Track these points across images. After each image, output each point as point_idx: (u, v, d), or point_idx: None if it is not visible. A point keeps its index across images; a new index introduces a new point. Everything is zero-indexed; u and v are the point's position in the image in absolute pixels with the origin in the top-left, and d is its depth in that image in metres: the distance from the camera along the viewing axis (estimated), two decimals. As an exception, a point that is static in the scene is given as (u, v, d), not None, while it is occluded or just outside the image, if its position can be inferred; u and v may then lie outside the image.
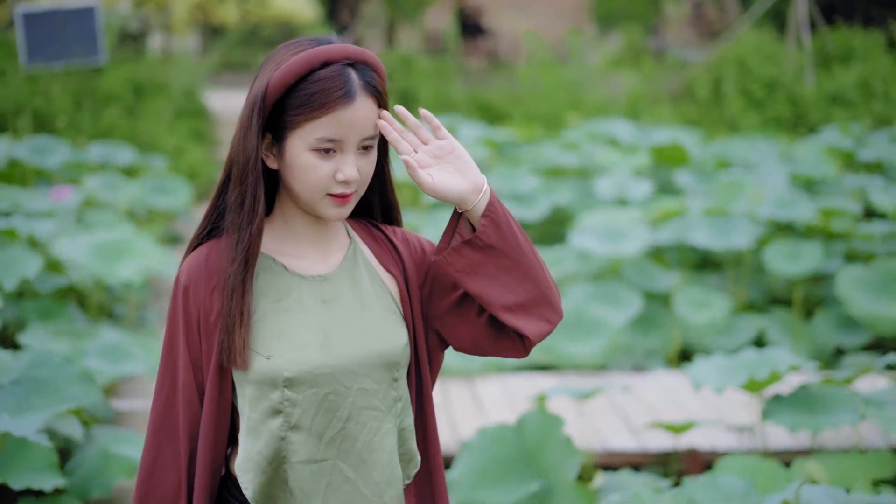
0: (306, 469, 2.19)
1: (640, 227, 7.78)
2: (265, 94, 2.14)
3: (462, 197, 2.18)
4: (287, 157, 2.18)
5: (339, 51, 2.15)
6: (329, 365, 2.18)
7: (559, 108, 13.80)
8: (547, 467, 4.48)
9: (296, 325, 2.20)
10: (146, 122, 13.48)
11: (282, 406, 2.18)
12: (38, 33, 13.66)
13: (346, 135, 2.14)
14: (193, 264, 2.24)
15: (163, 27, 23.19)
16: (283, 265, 2.24)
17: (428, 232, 8.16)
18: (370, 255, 2.33)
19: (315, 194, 2.17)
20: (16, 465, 4.21)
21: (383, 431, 2.23)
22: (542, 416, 4.59)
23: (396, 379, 2.25)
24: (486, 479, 4.52)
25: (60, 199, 8.27)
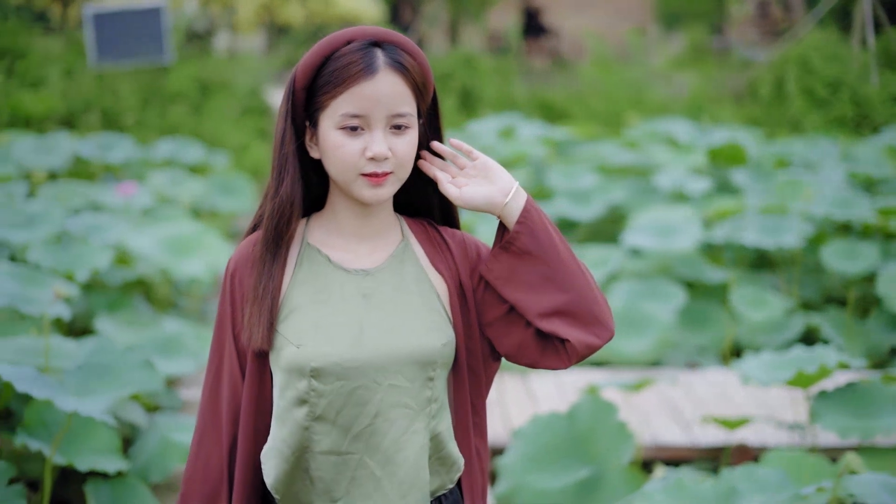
0: (329, 460, 2.19)
1: (693, 225, 7.81)
2: (294, 79, 2.18)
3: (489, 202, 2.22)
4: (320, 140, 2.20)
5: (363, 30, 2.17)
6: (359, 359, 2.17)
7: (620, 108, 13.83)
8: (598, 454, 4.56)
9: (331, 316, 2.20)
10: (211, 120, 13.68)
11: (307, 396, 2.17)
12: (107, 33, 13.92)
13: (370, 109, 2.13)
14: (241, 252, 2.28)
15: (229, 27, 23.46)
16: (326, 257, 2.26)
17: (483, 230, 8.26)
18: (421, 255, 2.32)
19: (347, 174, 2.17)
20: (81, 448, 4.38)
21: (412, 430, 2.21)
22: (594, 403, 4.67)
23: (432, 378, 2.23)
24: (537, 464, 4.61)
25: (126, 195, 8.47)
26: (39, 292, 5.41)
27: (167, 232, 7.23)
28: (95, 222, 7.19)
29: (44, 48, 15.03)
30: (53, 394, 3.91)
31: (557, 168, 9.62)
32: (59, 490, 4.90)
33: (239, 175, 10.67)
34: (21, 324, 5.40)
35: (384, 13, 22.64)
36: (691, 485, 3.69)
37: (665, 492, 3.69)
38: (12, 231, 6.72)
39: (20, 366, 4.10)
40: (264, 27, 25.25)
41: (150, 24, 14.09)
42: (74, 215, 7.31)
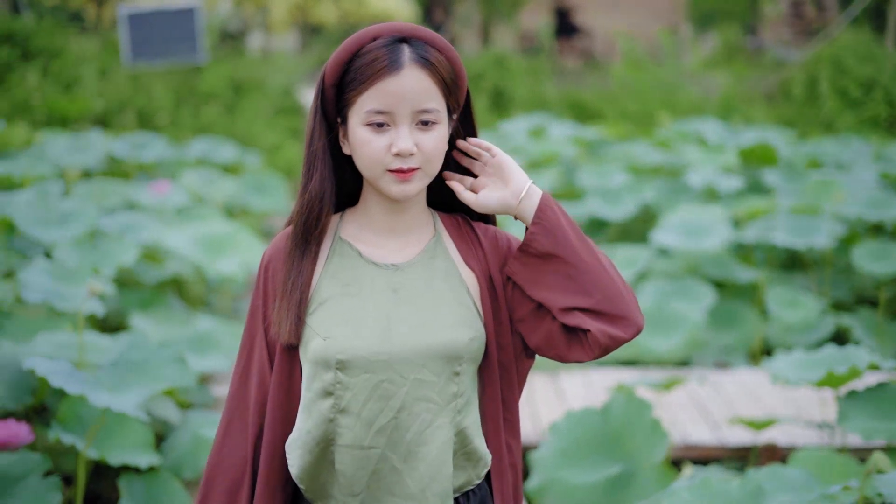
0: (352, 453, 2.21)
1: (722, 225, 7.81)
2: (323, 76, 2.20)
3: (503, 205, 2.24)
4: (349, 137, 2.22)
5: (391, 26, 2.18)
6: (385, 352, 2.18)
7: (652, 108, 13.82)
8: (630, 450, 4.58)
9: (360, 310, 2.21)
10: (244, 120, 13.77)
11: (333, 388, 2.19)
12: (141, 33, 14.03)
13: (395, 105, 2.14)
14: (275, 245, 2.32)
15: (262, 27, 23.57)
16: (357, 251, 2.28)
17: (513, 228, 8.27)
18: (453, 250, 2.33)
19: (374, 170, 2.19)
20: (114, 443, 4.44)
21: (436, 425, 2.22)
22: (628, 400, 4.68)
23: (458, 373, 2.23)
24: (571, 459, 4.63)
25: (160, 193, 8.54)
26: (73, 289, 5.48)
27: (202, 231, 7.30)
28: (128, 221, 7.27)
29: (79, 48, 15.15)
30: (87, 389, 3.96)
31: (588, 168, 9.63)
32: (93, 485, 4.97)
33: (271, 174, 10.73)
34: (55, 320, 5.47)
35: (417, 13, 22.68)
36: (717, 484, 3.70)
37: (691, 491, 3.70)
38: (46, 229, 6.79)
39: (55, 361, 4.15)
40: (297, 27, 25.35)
41: (183, 24, 14.19)
42: (107, 214, 7.38)
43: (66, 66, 13.88)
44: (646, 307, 6.92)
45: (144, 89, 13.69)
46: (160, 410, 5.15)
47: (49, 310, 5.58)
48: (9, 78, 13.30)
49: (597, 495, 4.50)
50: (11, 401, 4.41)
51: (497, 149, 2.30)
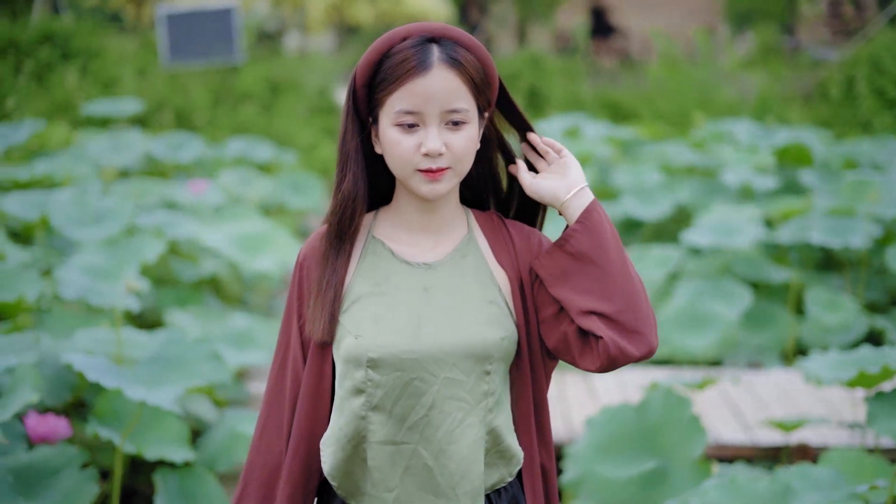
0: (384, 450, 2.23)
1: (753, 224, 7.79)
2: (355, 77, 2.23)
3: (553, 194, 2.25)
4: (380, 137, 2.23)
5: (420, 26, 2.20)
6: (416, 351, 2.20)
7: (687, 108, 13.79)
8: (667, 446, 4.59)
9: (391, 308, 2.23)
10: (281, 120, 13.84)
11: (364, 386, 2.22)
12: (179, 33, 14.14)
13: (424, 106, 2.16)
14: (310, 244, 2.35)
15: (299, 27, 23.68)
16: (390, 250, 2.30)
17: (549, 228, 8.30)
18: (486, 249, 2.33)
19: (404, 170, 2.21)
20: (150, 438, 4.50)
21: (466, 423, 2.23)
22: (666, 396, 4.70)
23: (488, 372, 2.24)
24: (606, 454, 4.66)
25: (197, 192, 8.62)
26: (108, 286, 5.56)
27: (238, 229, 7.38)
28: (164, 219, 7.35)
29: (117, 48, 15.29)
30: (123, 383, 4.03)
31: (623, 168, 9.64)
32: (130, 480, 5.05)
33: (308, 174, 10.80)
34: (93, 317, 5.56)
35: (452, 13, 22.73)
36: (746, 482, 3.72)
37: (719, 489, 3.72)
38: (82, 228, 6.88)
39: (92, 356, 4.22)
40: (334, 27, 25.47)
41: (221, 24, 14.29)
42: (144, 213, 7.47)
43: (105, 67, 14.00)
44: (680, 306, 6.94)
45: (182, 89, 13.79)
46: (197, 408, 5.23)
47: (86, 307, 5.67)
48: (49, 78, 13.44)
49: (631, 490, 4.53)
50: (51, 396, 4.50)
51: (567, 150, 2.32)
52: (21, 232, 7.56)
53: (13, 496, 3.88)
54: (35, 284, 5.38)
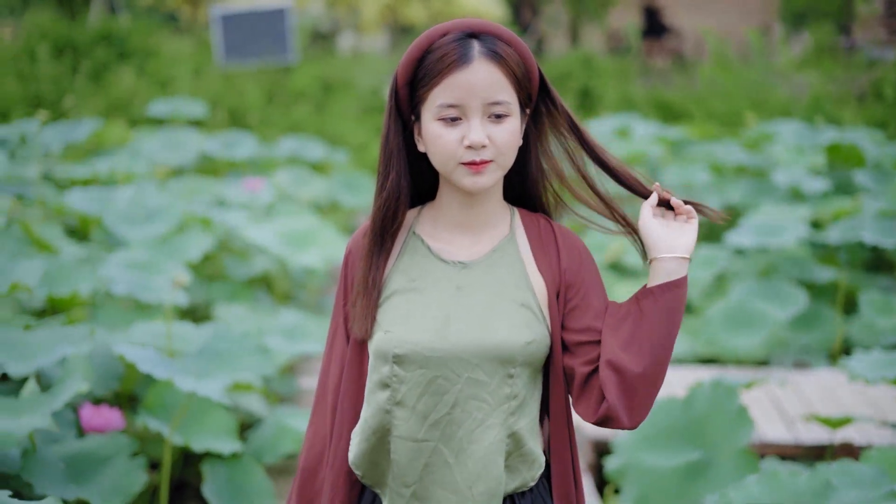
0: (406, 445, 2.25)
1: (798, 224, 7.76)
2: (396, 76, 2.26)
3: (656, 243, 2.24)
4: (423, 133, 2.25)
5: (461, 22, 2.22)
6: (440, 349, 2.22)
7: (739, 108, 13.73)
8: (712, 437, 4.61)
9: (422, 306, 2.26)
10: (333, 119, 13.94)
11: (389, 381, 2.25)
12: (234, 33, 14.31)
13: (466, 99, 2.18)
14: (356, 238, 2.39)
15: (353, 27, 23.82)
16: (428, 246, 2.32)
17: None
18: (526, 251, 2.34)
19: (447, 164, 2.22)
20: (199, 430, 4.60)
21: (487, 425, 2.24)
22: (713, 388, 4.71)
23: (512, 376, 2.24)
24: (651, 444, 4.69)
25: (253, 190, 8.74)
26: (157, 281, 5.67)
27: (285, 226, 7.48)
28: (216, 217, 7.46)
29: (173, 48, 15.48)
30: (173, 375, 4.13)
31: (672, 167, 9.65)
32: (181, 472, 5.15)
33: (360, 173, 10.89)
34: (144, 312, 5.67)
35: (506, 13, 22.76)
36: (786, 478, 3.74)
37: (760, 484, 3.74)
38: (134, 225, 7.01)
39: (143, 348, 4.33)
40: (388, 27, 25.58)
41: (275, 24, 14.44)
42: (196, 210, 7.59)
43: (161, 66, 14.19)
44: (728, 306, 6.95)
45: (236, 89, 13.94)
46: (248, 403, 5.32)
47: (135, 302, 5.79)
48: (105, 77, 13.64)
49: (673, 480, 4.56)
50: (100, 386, 4.61)
51: (696, 218, 2.30)
52: (77, 228, 7.72)
53: (65, 483, 3.98)
54: (89, 280, 5.50)
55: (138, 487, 4.11)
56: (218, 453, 4.69)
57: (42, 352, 4.29)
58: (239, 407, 5.37)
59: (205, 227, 7.28)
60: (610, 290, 7.59)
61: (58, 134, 9.84)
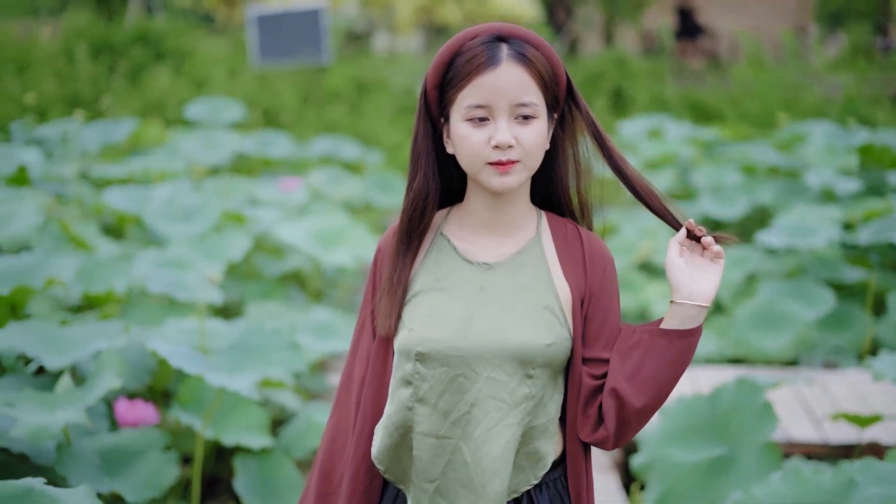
0: (427, 442, 2.30)
1: (830, 225, 7.76)
2: (426, 78, 2.30)
3: (678, 287, 2.27)
4: (452, 134, 2.29)
5: (489, 26, 2.27)
6: (462, 349, 2.26)
7: (772, 109, 13.71)
8: (737, 433, 4.64)
9: (446, 305, 2.30)
10: (367, 119, 14.02)
11: (412, 378, 2.29)
12: (269, 34, 14.42)
13: (493, 100, 2.22)
14: (386, 236, 2.43)
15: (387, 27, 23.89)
16: (453, 247, 2.36)
17: (625, 229, 8.40)
18: (551, 253, 2.37)
19: (475, 164, 2.25)
20: (230, 425, 4.68)
21: (504, 424, 2.27)
22: (738, 384, 4.74)
23: (531, 376, 2.28)
24: (676, 440, 4.73)
25: (289, 189, 8.83)
26: (192, 279, 5.77)
27: (316, 225, 7.56)
28: (250, 215, 7.56)
29: (209, 48, 15.62)
30: (204, 370, 4.20)
31: (703, 168, 9.66)
32: (214, 468, 5.24)
33: (394, 173, 10.97)
34: (177, 309, 5.76)
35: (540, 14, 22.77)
36: (810, 475, 3.78)
37: (783, 480, 3.78)
38: (172, 223, 7.12)
39: (175, 344, 4.41)
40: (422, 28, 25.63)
41: (309, 25, 14.55)
42: (231, 209, 7.69)
43: (197, 66, 14.32)
44: (756, 306, 6.97)
45: (271, 89, 14.05)
46: (280, 399, 5.40)
47: (169, 300, 5.88)
48: (142, 77, 13.78)
49: (697, 475, 4.60)
50: (132, 381, 4.71)
51: (722, 262, 2.33)
52: (113, 226, 7.83)
53: (99, 475, 4.08)
54: (124, 277, 5.60)
55: (170, 481, 4.20)
56: (249, 448, 4.77)
57: (77, 346, 4.40)
58: (271, 402, 5.46)
59: (239, 225, 7.37)
60: (639, 290, 7.63)
61: (95, 134, 9.98)
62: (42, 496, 2.61)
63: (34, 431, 3.77)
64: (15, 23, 17.62)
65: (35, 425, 3.78)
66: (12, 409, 3.87)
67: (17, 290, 4.65)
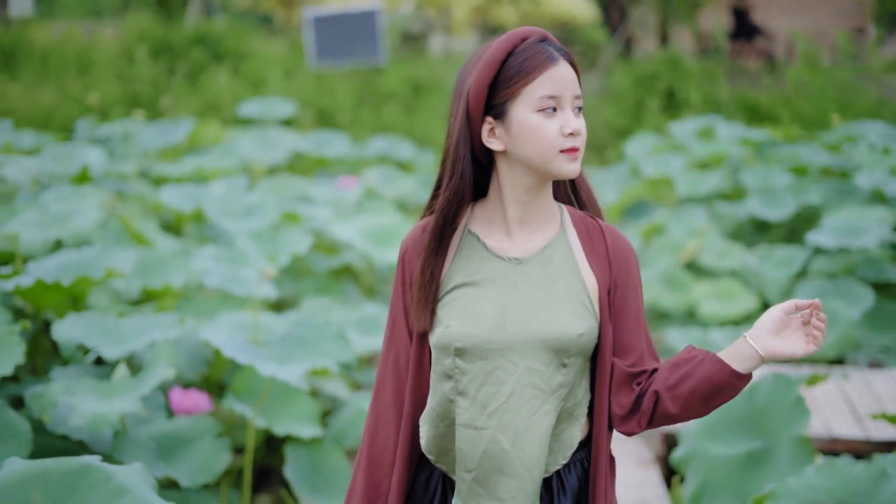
0: (466, 433, 2.38)
1: (880, 226, 7.79)
2: (475, 77, 2.36)
3: (758, 328, 2.31)
4: (514, 126, 2.35)
5: (530, 30, 2.38)
6: (499, 342, 2.35)
7: (827, 110, 13.67)
8: (772, 427, 4.72)
9: (481, 300, 2.38)
10: (422, 119, 14.15)
11: (452, 372, 2.38)
12: (326, 35, 14.61)
13: (562, 90, 2.33)
14: (412, 234, 2.49)
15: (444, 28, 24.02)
16: (484, 244, 2.43)
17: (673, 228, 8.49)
18: (577, 246, 2.45)
19: (548, 153, 2.33)
20: (282, 415, 4.84)
21: (542, 412, 2.37)
22: (774, 379, 4.82)
23: (565, 365, 2.37)
24: (714, 434, 4.82)
25: (346, 188, 9.00)
26: (248, 275, 5.94)
27: (369, 223, 7.71)
28: (306, 213, 7.74)
29: (266, 50, 15.83)
30: (255, 360, 4.36)
31: (753, 169, 9.70)
32: (265, 457, 5.40)
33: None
34: (232, 303, 5.94)
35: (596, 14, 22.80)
36: (844, 467, 3.85)
37: (818, 472, 3.86)
38: (231, 220, 7.31)
39: (228, 335, 4.58)
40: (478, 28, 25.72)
41: (365, 26, 14.72)
42: (287, 207, 7.86)
43: (255, 67, 14.53)
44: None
45: (327, 89, 14.22)
46: (329, 389, 5.55)
47: (225, 294, 6.06)
48: (200, 78, 14.02)
49: (733, 468, 4.68)
50: (188, 370, 4.88)
51: (813, 347, 2.33)
52: (173, 223, 8.04)
53: (155, 461, 4.25)
54: (181, 272, 5.79)
55: (222, 466, 4.36)
56: (299, 437, 4.92)
57: (133, 337, 4.59)
58: (321, 393, 5.60)
59: (294, 223, 7.54)
60: (686, 289, 7.70)
61: (155, 133, 10.22)
62: (98, 472, 2.76)
63: (92, 419, 3.95)
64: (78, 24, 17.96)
65: (93, 413, 3.96)
66: (72, 397, 4.05)
67: (77, 281, 4.83)
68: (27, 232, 6.12)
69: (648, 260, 8.26)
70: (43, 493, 2.71)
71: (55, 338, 4.62)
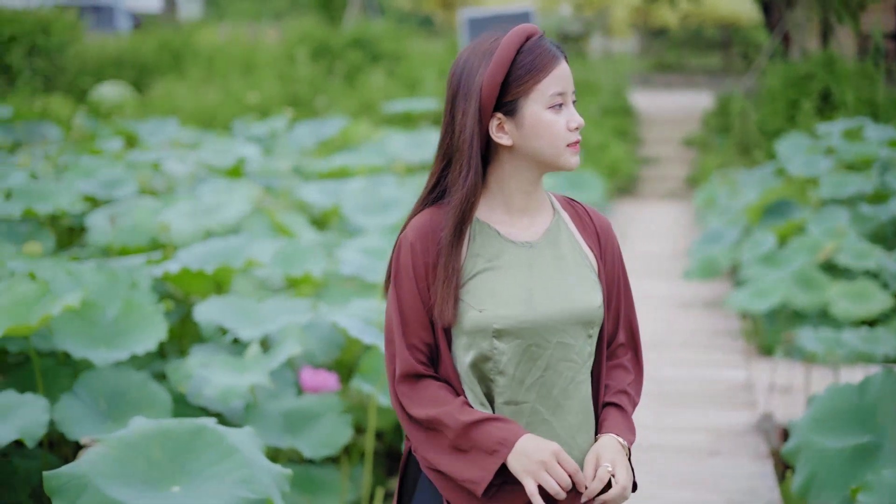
0: (507, 409, 2.46)
1: None
2: (488, 75, 2.41)
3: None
4: (527, 122, 2.44)
5: (530, 27, 2.47)
6: (532, 320, 2.44)
7: None
8: (882, 423, 4.79)
9: (506, 283, 2.46)
10: (576, 120, 14.30)
11: (491, 353, 2.44)
12: (480, 35, 14.92)
13: (567, 87, 2.44)
14: (419, 225, 2.52)
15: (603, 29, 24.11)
16: (496, 231, 2.50)
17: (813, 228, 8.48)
18: (574, 229, 2.58)
19: (558, 147, 2.44)
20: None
21: (578, 381, 2.50)
22: (886, 375, 4.89)
23: (591, 336, 2.52)
24: (824, 426, 4.89)
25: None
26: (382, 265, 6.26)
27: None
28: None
29: (422, 51, 16.20)
30: (379, 341, 4.64)
31: (894, 171, 9.61)
32: (395, 440, 5.68)
33: (591, 171, 11.27)
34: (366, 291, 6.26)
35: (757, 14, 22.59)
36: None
37: (913, 465, 3.96)
38: (369, 215, 7.65)
39: (355, 318, 4.89)
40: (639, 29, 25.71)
41: (519, 27, 14.95)
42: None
43: (410, 68, 14.91)
44: None
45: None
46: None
47: (361, 284, 6.38)
48: (358, 79, 14.47)
49: (842, 460, 4.76)
50: (322, 353, 5.20)
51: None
52: (320, 218, 8.43)
53: (282, 434, 4.58)
54: (321, 262, 6.12)
55: (344, 441, 4.65)
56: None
57: (269, 320, 4.94)
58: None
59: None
60: (821, 289, 7.71)
61: (310, 131, 10.66)
62: (212, 433, 3.06)
63: (224, 390, 4.30)
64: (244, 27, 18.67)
65: (225, 385, 4.31)
66: (206, 369, 4.41)
67: (219, 269, 5.19)
68: (180, 221, 6.55)
69: (782, 260, 8.28)
70: (163, 448, 3.03)
71: (196, 318, 4.99)
